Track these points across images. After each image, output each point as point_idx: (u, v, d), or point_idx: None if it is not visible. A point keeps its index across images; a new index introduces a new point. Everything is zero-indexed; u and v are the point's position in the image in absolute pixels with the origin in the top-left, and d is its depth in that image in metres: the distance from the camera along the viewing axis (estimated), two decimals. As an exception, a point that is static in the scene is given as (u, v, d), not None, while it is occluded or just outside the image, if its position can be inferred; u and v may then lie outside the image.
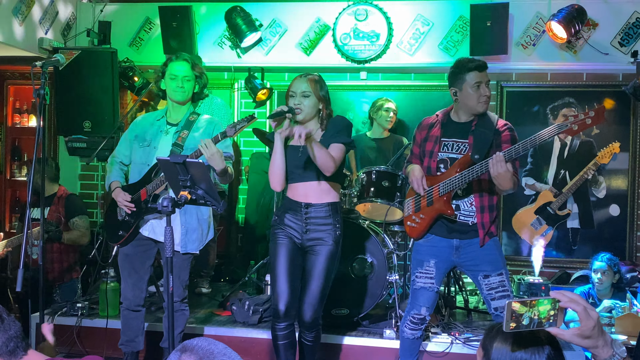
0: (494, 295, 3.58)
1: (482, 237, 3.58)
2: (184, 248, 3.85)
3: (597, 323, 1.56)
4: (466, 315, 4.92)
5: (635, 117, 5.92)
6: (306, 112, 3.57)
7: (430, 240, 3.70)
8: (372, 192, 4.67)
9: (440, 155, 3.64)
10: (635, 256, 5.89)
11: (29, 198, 3.30)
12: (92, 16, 6.07)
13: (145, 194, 3.83)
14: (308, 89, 3.56)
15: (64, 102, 5.63)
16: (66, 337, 4.59)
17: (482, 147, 3.50)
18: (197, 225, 3.91)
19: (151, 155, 3.87)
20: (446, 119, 3.73)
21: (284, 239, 3.64)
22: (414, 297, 3.75)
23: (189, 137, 3.85)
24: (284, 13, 5.92)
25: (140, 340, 4.06)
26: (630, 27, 5.43)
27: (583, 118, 3.24)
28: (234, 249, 6.54)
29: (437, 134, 3.69)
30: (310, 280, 3.58)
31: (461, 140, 3.62)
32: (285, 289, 3.59)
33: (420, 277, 3.70)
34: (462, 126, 3.65)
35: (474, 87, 3.56)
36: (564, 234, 6.00)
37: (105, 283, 4.64)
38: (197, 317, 4.74)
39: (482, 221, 3.58)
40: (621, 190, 5.96)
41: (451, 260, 3.68)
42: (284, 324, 3.62)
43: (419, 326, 3.74)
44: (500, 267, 3.59)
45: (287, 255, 3.62)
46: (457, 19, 5.64)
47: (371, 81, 6.30)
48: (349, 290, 4.61)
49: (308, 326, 3.62)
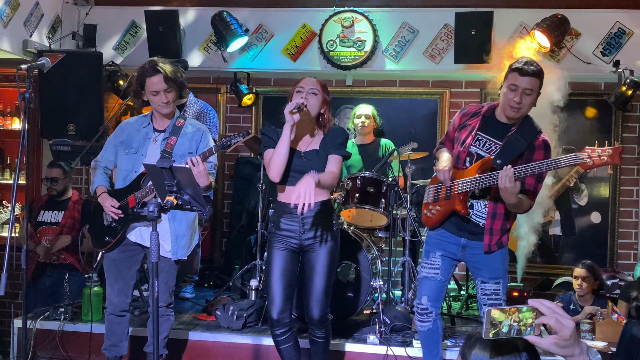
0: (486, 302, 3.60)
1: (487, 244, 3.52)
2: (175, 255, 3.84)
3: (573, 332, 1.59)
4: (449, 321, 4.95)
5: (616, 126, 6.01)
6: (312, 109, 3.56)
7: (440, 234, 3.69)
8: (357, 198, 4.69)
9: (471, 148, 3.54)
10: (616, 263, 5.97)
11: (14, 202, 3.28)
12: (78, 19, 6.06)
13: (133, 201, 3.82)
14: (317, 88, 3.60)
15: (49, 105, 5.59)
16: (48, 341, 4.56)
17: (509, 154, 3.39)
18: (187, 231, 3.91)
19: (138, 163, 3.84)
20: (489, 114, 3.58)
21: (280, 245, 3.63)
22: (419, 286, 3.77)
23: (177, 144, 3.83)
24: (271, 19, 5.95)
25: (124, 345, 4.05)
26: (612, 37, 5.52)
27: (599, 155, 3.14)
28: (218, 254, 6.53)
29: (476, 125, 3.57)
30: (314, 277, 3.59)
31: (495, 140, 3.50)
32: (279, 296, 3.59)
33: (425, 267, 3.72)
34: (502, 126, 3.51)
35: (509, 88, 3.41)
36: (546, 241, 6.06)
37: (88, 287, 4.63)
38: (181, 322, 4.73)
39: (490, 227, 3.51)
40: (603, 198, 6.04)
41: (457, 257, 3.67)
42: (280, 330, 3.64)
43: (425, 317, 3.71)
44: (499, 276, 3.58)
45: (282, 263, 3.61)
46: (442, 27, 5.70)
47: (357, 87, 6.34)
48: (333, 296, 4.60)
49: (317, 323, 3.64)
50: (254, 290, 4.91)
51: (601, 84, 5.95)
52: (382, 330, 4.40)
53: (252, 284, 4.94)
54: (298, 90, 3.59)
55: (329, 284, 3.62)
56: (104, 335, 4.03)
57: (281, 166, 3.51)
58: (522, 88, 3.36)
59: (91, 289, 4.60)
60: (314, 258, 3.60)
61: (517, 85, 3.37)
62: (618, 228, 6.02)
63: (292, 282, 3.66)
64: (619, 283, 5.28)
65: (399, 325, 4.52)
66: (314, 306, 3.60)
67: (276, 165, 3.51)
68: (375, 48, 5.76)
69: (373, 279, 4.59)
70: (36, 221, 5.28)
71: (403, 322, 4.53)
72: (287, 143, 3.47)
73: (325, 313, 3.64)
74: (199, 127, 3.96)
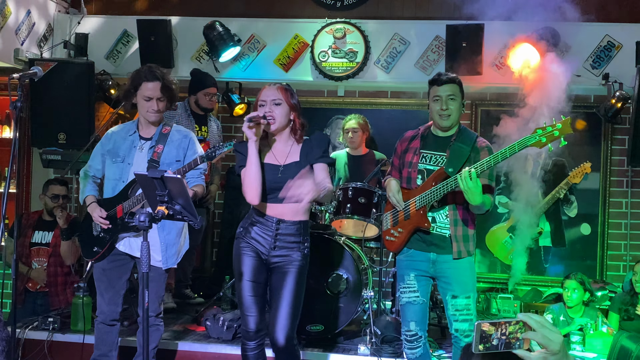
0: (457, 317, 3.62)
1: (456, 250, 3.60)
2: (165, 264, 3.84)
3: (562, 346, 1.61)
4: (439, 332, 4.96)
5: (606, 139, 6.05)
6: (279, 120, 3.40)
7: (409, 255, 3.74)
8: (348, 208, 4.71)
9: (419, 166, 3.70)
10: (606, 275, 6.00)
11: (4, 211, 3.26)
12: (69, 28, 6.06)
13: (121, 211, 3.80)
14: (279, 97, 3.42)
15: (39, 113, 5.59)
16: (36, 352, 4.53)
17: (457, 161, 3.54)
18: (176, 239, 3.91)
19: (125, 172, 3.82)
20: (427, 132, 3.78)
21: (250, 253, 3.47)
22: (402, 314, 3.77)
23: (164, 152, 3.82)
24: (263, 30, 5.97)
25: (114, 355, 4.02)
26: (601, 50, 5.57)
27: (551, 130, 3.24)
28: (209, 264, 6.52)
29: (417, 145, 3.75)
30: (280, 301, 3.38)
31: (439, 153, 3.67)
32: (254, 308, 3.44)
33: (404, 292, 3.73)
34: (442, 140, 3.70)
35: (433, 101, 3.66)
36: (536, 253, 6.08)
37: (78, 297, 4.60)
38: (171, 332, 4.71)
39: (455, 234, 3.61)
40: (592, 210, 6.07)
41: (430, 273, 3.71)
42: (254, 343, 3.49)
43: (416, 343, 3.71)
44: (469, 291, 3.64)
45: (253, 272, 3.45)
46: (433, 39, 5.74)
47: (348, 98, 6.37)
48: (325, 307, 4.62)
49: (283, 350, 3.39)
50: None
51: (591, 97, 5.99)
52: (373, 341, 4.41)
53: (243, 295, 4.92)
54: (260, 104, 3.43)
55: (296, 308, 3.40)
56: (94, 345, 4.02)
57: (256, 187, 3.34)
58: (444, 96, 3.61)
59: (82, 299, 4.58)
60: (280, 280, 3.42)
61: (439, 95, 3.62)
62: (608, 240, 6.05)
63: (264, 292, 3.50)
64: (609, 294, 5.31)
65: (389, 336, 4.53)
66: (279, 332, 3.35)
67: (250, 186, 3.35)
68: (367, 59, 5.79)
69: (364, 289, 4.60)
70: (29, 241, 5.19)
71: (394, 332, 4.53)
72: (255, 161, 3.32)
73: (291, 338, 3.38)
74: (185, 134, 3.93)
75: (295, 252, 3.45)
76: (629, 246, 6.02)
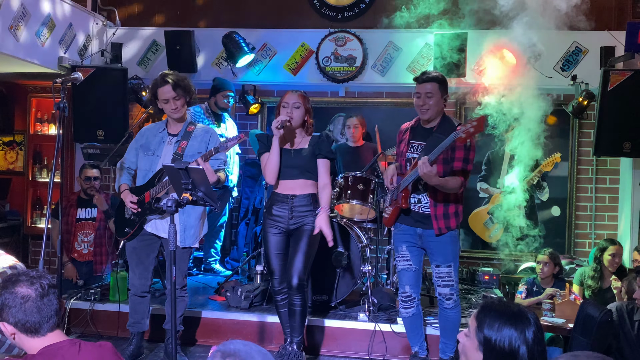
0: (440, 283, 3.67)
1: (436, 227, 3.61)
2: (183, 243, 3.84)
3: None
4: (428, 302, 4.95)
5: (573, 132, 6.02)
6: (296, 120, 3.76)
7: (401, 229, 3.79)
8: (349, 194, 4.69)
9: (407, 155, 3.72)
10: (574, 250, 5.99)
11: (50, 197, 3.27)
12: (105, 38, 6.05)
13: (148, 196, 3.83)
14: (299, 102, 3.75)
15: (80, 113, 5.58)
16: (80, 319, 4.56)
17: (430, 149, 3.49)
18: (195, 223, 3.91)
19: (155, 163, 3.86)
20: (417, 124, 3.80)
21: (273, 229, 3.81)
22: (399, 279, 3.83)
23: (188, 147, 3.84)
24: (274, 38, 5.94)
25: (146, 322, 4.05)
26: (570, 55, 5.52)
27: (468, 127, 3.23)
28: (228, 243, 6.52)
29: (407, 136, 3.78)
30: (297, 252, 3.72)
31: (422, 142, 3.67)
32: (278, 272, 3.82)
33: (400, 260, 3.79)
34: (426, 131, 3.70)
35: (415, 97, 3.68)
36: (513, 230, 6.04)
37: (115, 272, 4.62)
38: (195, 301, 4.72)
39: (435, 213, 3.62)
40: (562, 194, 6.05)
41: (419, 244, 3.73)
42: (280, 296, 3.84)
43: (410, 304, 3.76)
44: (449, 260, 3.65)
45: (276, 241, 3.81)
46: (422, 46, 5.69)
47: (349, 98, 6.33)
48: (328, 279, 4.63)
49: (295, 289, 3.70)
50: (259, 274, 4.92)
51: (561, 95, 5.94)
52: (370, 309, 4.41)
53: (258, 269, 4.94)
54: (283, 106, 3.78)
55: (308, 259, 3.74)
56: (129, 314, 4.04)
57: (275, 172, 3.75)
58: (423, 93, 3.62)
59: (117, 274, 4.60)
60: (297, 238, 3.76)
61: (419, 92, 3.65)
62: (575, 220, 6.02)
63: (286, 259, 3.82)
64: (576, 268, 5.29)
65: (385, 304, 4.53)
66: (294, 275, 3.69)
67: (270, 171, 3.76)
68: (365, 64, 5.76)
69: (363, 264, 4.60)
70: (75, 219, 5.20)
71: (389, 302, 4.54)
72: (277, 152, 3.72)
73: (302, 281, 3.71)
74: (207, 130, 3.97)
75: (309, 217, 3.76)
76: (594, 226, 5.99)
